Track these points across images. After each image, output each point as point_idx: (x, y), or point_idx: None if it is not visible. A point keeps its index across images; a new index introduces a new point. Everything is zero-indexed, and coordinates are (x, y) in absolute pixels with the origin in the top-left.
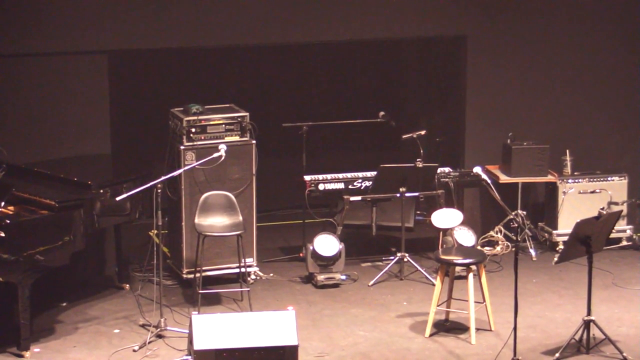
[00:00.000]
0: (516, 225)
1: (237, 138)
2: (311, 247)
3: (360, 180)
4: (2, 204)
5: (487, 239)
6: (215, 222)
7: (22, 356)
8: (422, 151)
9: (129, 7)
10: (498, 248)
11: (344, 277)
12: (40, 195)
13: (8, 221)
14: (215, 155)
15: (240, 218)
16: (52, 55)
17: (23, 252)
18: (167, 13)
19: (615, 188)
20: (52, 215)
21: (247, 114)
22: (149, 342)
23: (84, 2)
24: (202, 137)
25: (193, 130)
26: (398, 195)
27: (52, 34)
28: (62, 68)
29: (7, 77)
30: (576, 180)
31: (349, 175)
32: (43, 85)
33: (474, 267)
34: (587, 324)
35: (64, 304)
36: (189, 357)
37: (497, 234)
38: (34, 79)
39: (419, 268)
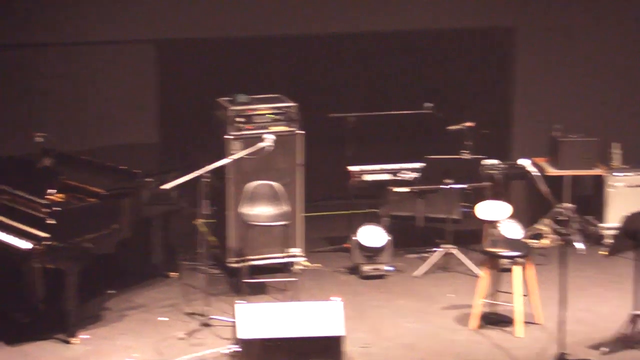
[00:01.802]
0: (564, 218)
1: (283, 128)
2: (356, 238)
3: (405, 171)
4: (51, 191)
5: (533, 232)
6: (261, 211)
7: (69, 342)
8: (469, 143)
9: None
10: (545, 241)
11: (390, 268)
12: (88, 183)
13: (57, 208)
14: (264, 145)
15: (286, 208)
16: (102, 44)
17: (71, 239)
18: (216, 2)
19: None
20: (100, 203)
21: (295, 104)
22: (194, 331)
23: None
24: (249, 127)
25: (239, 119)
26: (443, 186)
27: (101, 23)
28: (111, 57)
29: (56, 65)
30: (625, 174)
31: (394, 166)
32: (92, 74)
33: (520, 260)
34: (634, 319)
35: (112, 292)
36: (235, 346)
37: (544, 226)
38: (84, 67)
39: (465, 260)
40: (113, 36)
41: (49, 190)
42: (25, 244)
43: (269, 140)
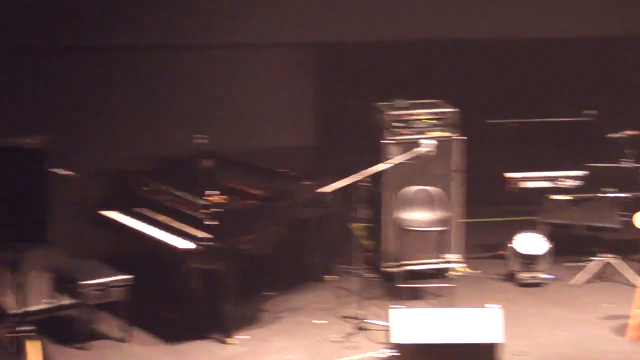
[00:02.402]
0: None
1: (441, 133)
2: (514, 245)
3: (565, 179)
4: (211, 192)
5: None
6: (418, 216)
7: (226, 342)
8: (630, 151)
9: (337, 0)
10: None
11: (549, 276)
12: (247, 185)
13: (216, 209)
14: (422, 150)
15: (443, 213)
16: (260, 47)
17: (229, 240)
18: (376, 6)
19: None
20: (259, 205)
21: (456, 110)
22: (348, 334)
23: None
24: (407, 132)
25: (397, 124)
26: (604, 195)
27: (262, 26)
28: (269, 60)
29: (214, 68)
30: None
31: (553, 173)
32: (253, 77)
33: None
34: None
35: (268, 293)
36: (389, 351)
37: None
38: (241, 70)
39: (623, 270)
40: (273, 39)
41: (209, 192)
42: (184, 244)
43: (429, 146)
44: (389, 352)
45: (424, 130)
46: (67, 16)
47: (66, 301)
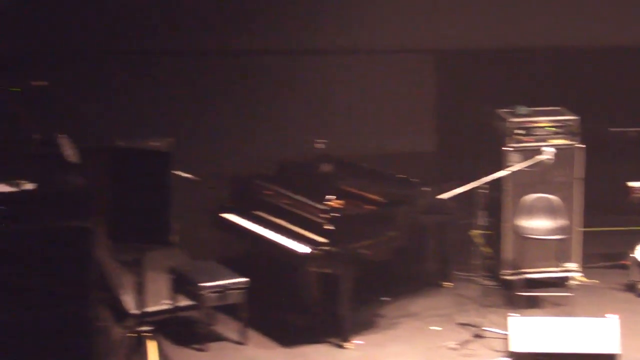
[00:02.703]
0: None
1: (562, 141)
2: (636, 255)
3: None
4: (331, 197)
5: None
6: (537, 224)
7: (343, 347)
8: None
9: (458, 7)
10: None
11: None
12: (366, 191)
13: (335, 214)
14: (543, 157)
15: (563, 222)
16: (380, 52)
17: (348, 245)
18: (497, 13)
19: None
20: (378, 210)
21: (577, 117)
22: (466, 342)
23: (414, 1)
24: (528, 139)
25: (518, 131)
26: None
27: (383, 32)
28: (390, 65)
29: (336, 74)
30: None
31: None
32: (372, 82)
33: None
34: None
35: (386, 299)
36: (506, 359)
37: None
38: (363, 76)
39: None
40: (393, 45)
41: (328, 196)
42: (303, 248)
43: (549, 154)
44: None
45: (545, 138)
46: (190, 21)
47: (185, 302)
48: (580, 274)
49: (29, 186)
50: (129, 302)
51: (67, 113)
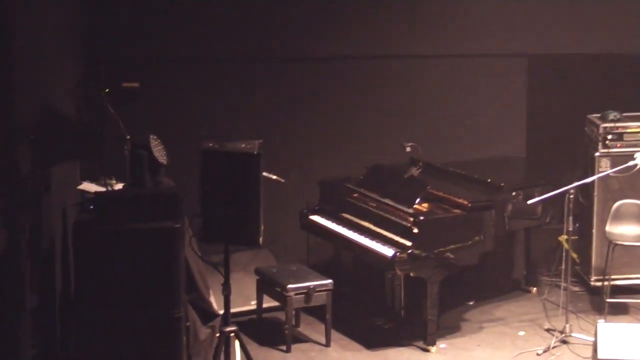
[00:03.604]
0: None
1: None
2: None
3: None
4: (417, 200)
5: None
6: (627, 231)
7: (428, 351)
8: None
9: (549, 12)
10: None
11: None
12: (453, 194)
13: (422, 218)
14: (631, 163)
15: None
16: (471, 57)
17: (434, 249)
18: (587, 19)
19: None
20: (464, 214)
21: None
22: (552, 347)
23: (506, 6)
24: (618, 145)
25: (609, 137)
26: None
27: (470, 36)
28: (481, 70)
29: (426, 77)
30: None
31: None
32: (460, 86)
33: None
34: None
35: (471, 303)
36: None
37: None
38: (451, 80)
39: None
40: (483, 50)
41: (416, 200)
42: (389, 252)
43: (638, 159)
44: None
45: (636, 144)
46: (283, 27)
47: (271, 304)
48: None
49: (119, 186)
50: (216, 303)
51: (158, 114)
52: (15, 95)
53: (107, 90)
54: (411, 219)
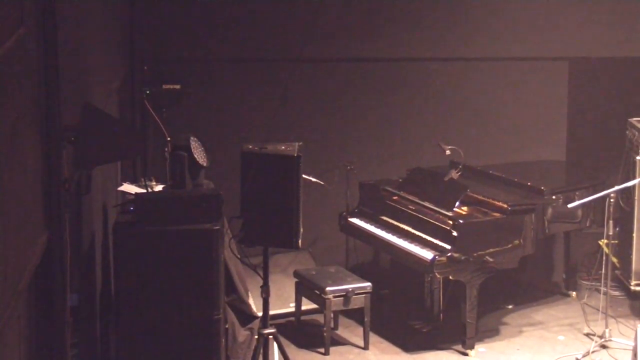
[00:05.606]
0: None
1: None
2: None
3: None
4: (457, 204)
5: None
6: None
7: (466, 354)
8: None
9: (590, 15)
10: None
11: None
12: (493, 198)
13: (461, 221)
14: None
15: None
16: (511, 60)
17: (473, 252)
18: (629, 21)
19: None
20: (504, 218)
21: None
22: (592, 352)
23: (546, 9)
24: None
25: None
26: None
27: (511, 40)
28: (521, 73)
29: (468, 80)
30: None
31: None
32: (501, 89)
33: None
34: None
35: (510, 307)
36: None
37: None
38: (491, 82)
39: None
40: (524, 53)
41: (455, 203)
42: (428, 255)
43: None
44: None
45: None
46: (324, 29)
47: (309, 306)
48: None
49: (159, 188)
50: (254, 305)
51: (199, 116)
52: (60, 95)
53: (147, 92)
54: (451, 222)
